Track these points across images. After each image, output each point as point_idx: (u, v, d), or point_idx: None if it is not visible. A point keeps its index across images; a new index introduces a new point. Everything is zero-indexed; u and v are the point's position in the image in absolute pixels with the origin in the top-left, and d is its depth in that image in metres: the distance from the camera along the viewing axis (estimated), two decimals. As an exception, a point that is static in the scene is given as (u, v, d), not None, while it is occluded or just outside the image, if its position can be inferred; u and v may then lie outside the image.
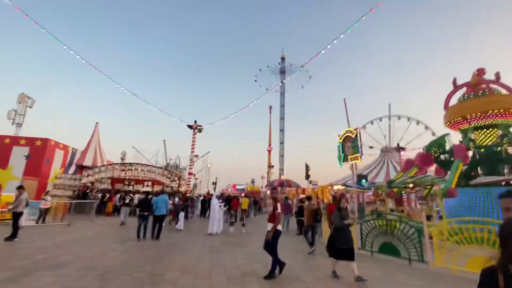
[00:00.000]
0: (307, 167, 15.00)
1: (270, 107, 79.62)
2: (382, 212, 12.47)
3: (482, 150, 11.15)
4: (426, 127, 39.47)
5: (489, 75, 12.72)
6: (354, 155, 8.00)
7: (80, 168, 21.50)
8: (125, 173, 19.70)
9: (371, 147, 41.81)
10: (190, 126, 22.89)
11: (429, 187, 12.62)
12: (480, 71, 12.50)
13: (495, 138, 11.48)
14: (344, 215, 5.24)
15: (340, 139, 8.67)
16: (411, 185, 11.82)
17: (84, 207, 14.98)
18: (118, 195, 17.37)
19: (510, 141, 10.10)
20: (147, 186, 21.87)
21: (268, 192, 40.43)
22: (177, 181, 20.25)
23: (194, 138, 22.83)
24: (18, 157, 17.86)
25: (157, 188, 21.89)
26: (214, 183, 47.31)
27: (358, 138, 7.97)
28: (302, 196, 29.74)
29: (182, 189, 21.28)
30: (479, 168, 11.98)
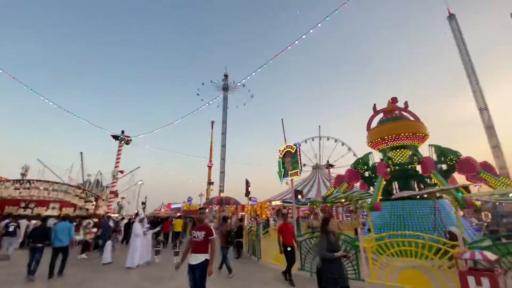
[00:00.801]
0: (247, 183, 14.47)
1: (212, 122, 78.25)
2: (317, 227, 12.75)
3: (397, 167, 12.71)
4: (349, 148, 44.97)
5: (400, 104, 15.01)
6: (294, 171, 7.77)
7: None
8: (20, 193, 15.37)
9: (304, 165, 44.87)
10: (115, 137, 19.91)
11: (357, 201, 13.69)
12: (394, 99, 14.61)
13: (406, 158, 13.30)
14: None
15: (281, 154, 8.40)
16: (343, 200, 12.50)
17: None
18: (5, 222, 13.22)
19: (419, 160, 11.77)
20: (53, 208, 17.65)
21: (206, 210, 38.30)
22: (93, 202, 16.89)
23: (119, 150, 19.87)
24: None
25: (66, 211, 17.88)
26: (144, 203, 42.28)
27: (298, 153, 7.81)
28: (242, 213, 28.97)
29: (101, 211, 17.88)
30: (395, 183, 13.64)
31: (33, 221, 13.76)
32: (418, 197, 10.37)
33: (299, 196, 20.66)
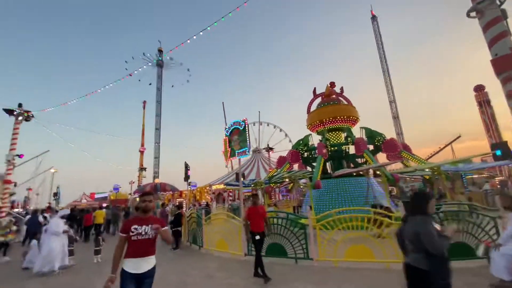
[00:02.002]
0: (186, 166, 13.21)
1: (144, 102, 70.99)
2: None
3: (334, 148, 13.52)
4: (286, 135, 47.35)
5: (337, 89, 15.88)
6: (242, 149, 7.07)
7: None
8: None
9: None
10: (9, 111, 15.37)
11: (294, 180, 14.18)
12: (332, 84, 15.33)
13: (341, 139, 14.27)
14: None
15: (227, 132, 7.55)
16: (287, 180, 12.65)
17: None
18: None
19: (353, 141, 12.71)
20: None
21: (137, 199, 34.77)
22: (-25, 196, 12.84)
23: (16, 129, 15.48)
24: None
25: None
26: (56, 194, 35.50)
27: (246, 130, 7.10)
28: (180, 200, 27.25)
29: (-12, 206, 13.77)
30: (329, 163, 14.58)
31: None
32: (354, 174, 11.20)
33: (242, 179, 20.37)
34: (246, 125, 7.28)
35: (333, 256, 5.67)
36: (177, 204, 11.88)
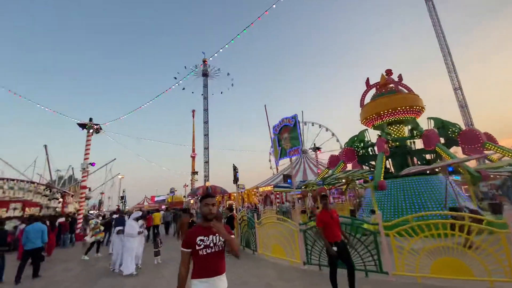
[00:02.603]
0: (234, 168, 13.14)
1: (193, 111, 75.67)
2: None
3: (396, 143, 11.89)
4: (333, 134, 44.85)
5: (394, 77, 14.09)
6: (294, 148, 6.48)
7: None
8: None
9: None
10: (83, 125, 17.59)
11: (350, 181, 12.88)
12: (388, 72, 13.65)
13: (403, 133, 12.53)
14: None
15: (276, 130, 7.06)
16: (343, 180, 11.58)
17: None
18: None
19: (420, 133, 10.96)
20: (15, 209, 15.45)
21: (191, 201, 36.74)
22: (60, 199, 14.87)
23: (88, 141, 17.64)
24: None
25: (30, 211, 15.73)
26: (123, 197, 39.83)
27: (297, 127, 6.51)
28: (230, 202, 27.78)
29: (71, 208, 15.90)
30: (389, 161, 12.90)
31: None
32: (428, 172, 9.58)
33: (289, 180, 19.69)
34: (297, 122, 6.70)
35: (415, 270, 4.66)
36: (227, 206, 11.84)
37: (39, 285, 6.33)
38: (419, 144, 12.59)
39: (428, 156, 12.26)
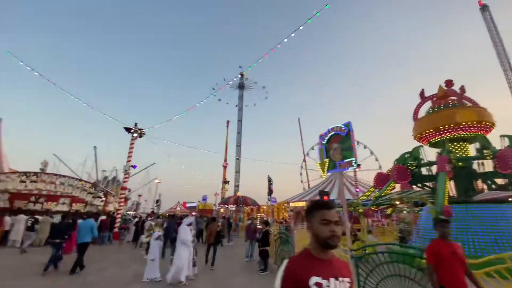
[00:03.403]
0: (269, 180, 12.51)
1: (228, 122, 77.52)
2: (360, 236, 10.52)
3: (460, 164, 10.23)
4: (371, 152, 42.01)
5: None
6: (347, 160, 5.69)
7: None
8: (25, 186, 14.34)
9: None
10: (128, 129, 18.61)
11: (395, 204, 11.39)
12: (448, 82, 12.12)
13: (467, 152, 10.82)
14: None
15: (323, 140, 6.34)
16: (397, 202, 10.24)
17: None
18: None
19: (493, 153, 9.25)
20: (63, 204, 16.60)
21: (221, 210, 36.69)
22: (102, 198, 15.59)
23: (132, 144, 18.55)
24: None
25: (76, 206, 16.78)
26: (158, 201, 41.37)
27: (351, 136, 5.74)
28: (260, 215, 26.99)
29: (111, 207, 16.58)
30: (450, 183, 11.15)
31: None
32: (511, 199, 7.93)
33: (325, 198, 18.36)
34: (351, 130, 5.92)
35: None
36: (264, 219, 11.18)
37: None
38: (487, 165, 10.74)
39: (499, 181, 10.35)
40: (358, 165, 33.18)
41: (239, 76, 74.21)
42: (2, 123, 19.18)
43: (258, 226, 10.16)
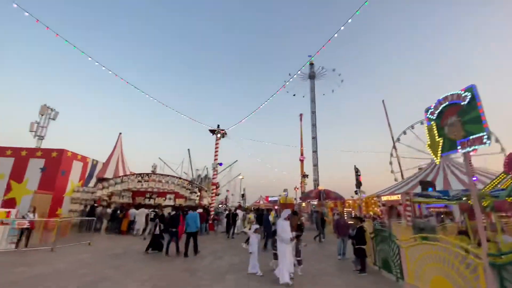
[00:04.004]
0: (356, 171, 11.21)
1: (301, 115, 76.19)
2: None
3: None
4: (490, 132, 32.52)
5: None
6: (474, 136, 4.29)
7: (101, 181, 20.11)
8: (141, 185, 17.64)
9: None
10: (212, 131, 20.42)
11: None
12: None
13: None
14: None
15: (432, 114, 5.01)
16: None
17: (92, 224, 12.99)
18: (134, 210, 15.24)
19: None
20: (169, 199, 19.66)
21: (303, 204, 36.11)
22: (198, 193, 17.57)
23: (217, 144, 20.27)
24: (34, 170, 16.85)
25: (179, 201, 19.58)
26: (243, 195, 44.25)
27: (476, 105, 4.27)
28: (347, 210, 25.02)
29: (205, 202, 18.56)
30: None
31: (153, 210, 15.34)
32: None
33: (429, 189, 15.31)
34: (476, 96, 4.40)
35: None
36: (354, 214, 10.10)
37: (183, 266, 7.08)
38: None
39: None
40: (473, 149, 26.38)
41: (309, 65, 71.65)
42: (121, 136, 24.32)
43: (349, 222, 9.17)
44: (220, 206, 33.31)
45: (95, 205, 16.13)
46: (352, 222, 8.04)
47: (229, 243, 12.31)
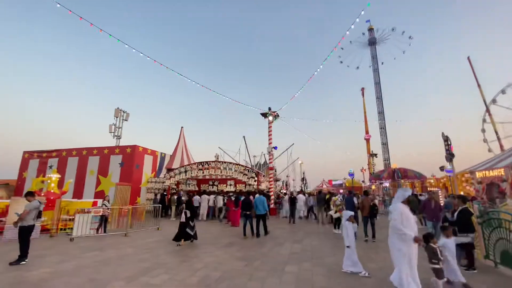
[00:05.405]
0: (446, 140, 8.75)
1: (363, 89, 69.09)
2: None
3: None
4: None
5: None
6: None
7: (169, 171, 21.95)
8: (202, 172, 18.33)
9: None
10: (264, 114, 19.65)
11: None
12: None
13: None
14: None
15: None
16: None
17: (164, 211, 14.06)
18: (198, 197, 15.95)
19: None
20: (230, 185, 20.08)
21: (373, 186, 32.51)
22: (255, 178, 17.23)
23: (270, 127, 19.46)
24: (115, 165, 19.38)
25: (239, 187, 19.79)
26: (303, 179, 42.80)
27: None
28: (433, 189, 21.04)
29: (263, 186, 18.16)
30: None
31: (210, 196, 15.74)
32: None
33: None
34: None
35: None
36: (455, 194, 7.85)
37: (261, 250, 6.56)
38: None
39: None
40: None
41: (368, 31, 63.35)
42: (183, 130, 25.89)
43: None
44: (283, 191, 32.92)
45: (164, 193, 17.51)
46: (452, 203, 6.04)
47: (291, 228, 11.51)
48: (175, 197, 16.12)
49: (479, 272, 5.10)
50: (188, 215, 8.19)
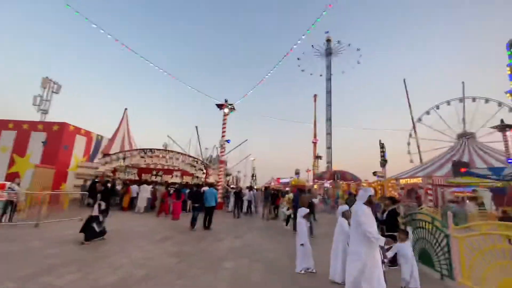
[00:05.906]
0: (382, 146, 9.56)
1: (315, 95, 72.88)
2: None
3: None
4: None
5: None
6: None
7: (105, 156, 19.48)
8: (144, 161, 16.76)
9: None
10: (219, 106, 18.97)
11: None
12: None
13: None
14: None
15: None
16: None
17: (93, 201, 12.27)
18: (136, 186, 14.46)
19: None
20: (176, 176, 18.83)
21: (315, 186, 34.76)
22: (204, 171, 16.52)
23: (225, 120, 18.89)
24: (36, 144, 16.31)
25: (186, 179, 18.73)
26: (253, 175, 43.42)
27: None
28: (396, 193, 23.24)
29: (211, 179, 17.55)
30: None
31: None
32: None
33: (463, 170, 13.40)
34: None
35: None
36: (389, 196, 8.61)
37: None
38: None
39: None
40: (509, 126, 23.39)
41: (326, 42, 67.14)
42: (127, 112, 23.41)
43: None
44: (232, 186, 32.70)
45: (96, 180, 15.48)
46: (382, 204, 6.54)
47: (235, 222, 11.29)
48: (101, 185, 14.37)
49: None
50: (103, 207, 6.65)
